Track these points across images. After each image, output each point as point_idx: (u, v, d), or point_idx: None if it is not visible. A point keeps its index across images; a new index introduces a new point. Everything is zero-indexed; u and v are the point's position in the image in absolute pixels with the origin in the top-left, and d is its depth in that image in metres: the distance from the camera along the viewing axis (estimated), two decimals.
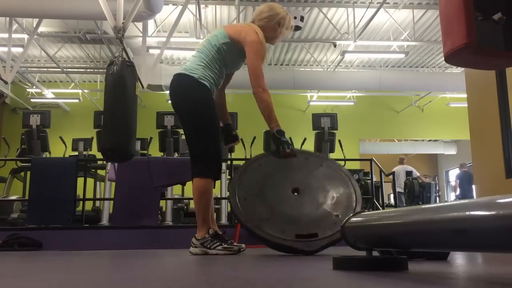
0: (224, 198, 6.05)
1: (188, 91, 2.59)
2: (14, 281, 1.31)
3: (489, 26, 1.60)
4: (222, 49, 2.61)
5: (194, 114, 2.58)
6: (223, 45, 2.61)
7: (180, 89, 2.62)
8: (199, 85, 2.54)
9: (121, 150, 4.09)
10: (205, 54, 2.61)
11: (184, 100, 2.61)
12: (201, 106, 2.57)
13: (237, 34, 2.61)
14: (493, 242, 0.88)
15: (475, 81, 4.58)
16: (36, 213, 4.88)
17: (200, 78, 2.54)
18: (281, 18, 2.71)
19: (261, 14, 2.71)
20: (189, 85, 2.57)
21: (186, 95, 2.60)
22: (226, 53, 2.62)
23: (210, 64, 2.60)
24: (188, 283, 1.20)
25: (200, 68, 2.57)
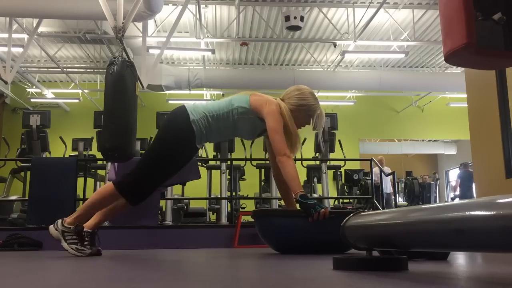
0: (224, 198, 6.06)
1: (174, 122, 2.57)
2: (14, 281, 1.31)
3: (489, 26, 1.60)
4: (237, 110, 2.53)
5: (162, 142, 2.54)
6: (240, 107, 2.53)
7: (171, 116, 2.63)
8: (187, 126, 2.50)
9: (121, 150, 4.09)
10: (218, 108, 2.55)
11: (167, 126, 2.60)
12: (172, 142, 2.53)
13: (259, 104, 2.54)
14: (493, 242, 0.88)
15: (475, 81, 4.58)
16: (36, 213, 4.88)
17: (193, 121, 2.50)
18: (311, 110, 2.64)
19: (290, 98, 2.63)
20: (179, 120, 2.54)
21: (171, 124, 2.59)
22: (239, 115, 2.54)
23: (214, 119, 2.53)
24: (188, 283, 1.20)
25: (202, 115, 2.52)
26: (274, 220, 2.76)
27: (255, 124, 2.58)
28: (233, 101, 2.58)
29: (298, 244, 2.61)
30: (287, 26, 8.64)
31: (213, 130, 2.56)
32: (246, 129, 2.63)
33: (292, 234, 2.61)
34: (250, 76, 11.01)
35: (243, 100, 2.56)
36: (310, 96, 2.66)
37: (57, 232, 2.49)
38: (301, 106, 2.62)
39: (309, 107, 2.64)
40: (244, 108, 2.54)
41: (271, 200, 6.35)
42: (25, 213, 5.56)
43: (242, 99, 2.57)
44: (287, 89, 2.72)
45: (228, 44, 11.13)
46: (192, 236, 4.64)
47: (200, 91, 12.68)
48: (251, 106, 2.54)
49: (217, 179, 6.57)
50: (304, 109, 2.63)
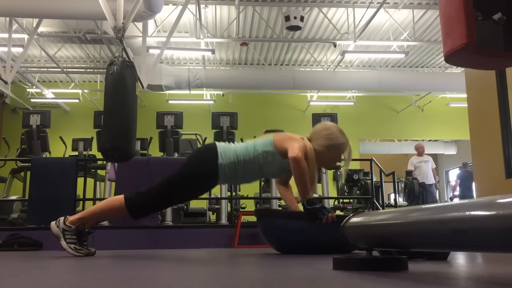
0: (224, 198, 6.05)
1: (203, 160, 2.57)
2: (14, 281, 1.31)
3: (489, 26, 1.60)
4: (263, 156, 2.53)
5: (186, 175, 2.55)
6: (265, 152, 2.53)
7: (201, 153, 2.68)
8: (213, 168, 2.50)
9: (121, 150, 4.10)
10: (245, 153, 2.54)
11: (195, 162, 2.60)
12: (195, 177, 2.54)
13: (283, 142, 2.52)
14: (493, 242, 0.88)
15: (475, 81, 4.58)
16: (36, 213, 4.88)
17: (221, 165, 2.50)
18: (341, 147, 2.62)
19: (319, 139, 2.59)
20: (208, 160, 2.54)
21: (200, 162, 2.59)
22: (265, 159, 2.53)
23: (241, 164, 2.53)
24: (188, 283, 1.20)
25: (230, 160, 2.52)
26: (278, 220, 2.75)
27: (282, 166, 2.55)
28: (257, 146, 2.56)
29: (301, 245, 2.61)
30: (287, 26, 8.64)
31: (238, 174, 2.56)
32: (273, 172, 2.64)
33: (296, 235, 2.61)
34: (250, 76, 11.01)
35: (267, 144, 2.55)
36: (339, 135, 2.63)
37: (57, 230, 2.50)
38: (332, 146, 2.59)
39: (339, 146, 2.61)
40: (269, 151, 2.53)
41: (271, 200, 6.35)
42: (25, 213, 5.56)
43: (266, 142, 2.56)
44: (314, 128, 2.69)
45: (228, 44, 11.13)
46: (192, 236, 4.64)
47: (200, 91, 12.68)
48: (275, 148, 2.53)
49: None
50: (335, 148, 2.60)
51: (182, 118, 6.58)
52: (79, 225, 2.49)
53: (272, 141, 2.55)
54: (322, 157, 2.58)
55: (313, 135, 2.64)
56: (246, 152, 2.55)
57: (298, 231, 2.60)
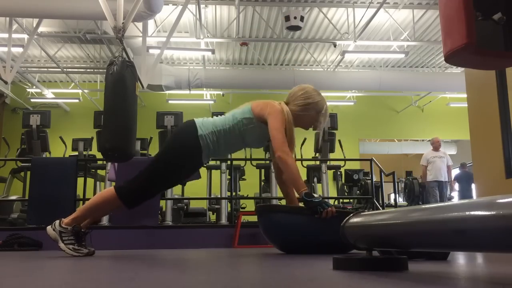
0: (224, 198, 6.06)
1: (183, 135, 2.60)
2: (14, 281, 1.31)
3: (489, 26, 1.60)
4: (242, 123, 2.55)
5: (169, 153, 2.57)
6: (244, 119, 2.55)
7: (180, 129, 2.70)
8: (194, 140, 2.51)
9: (121, 150, 4.10)
10: (223, 122, 2.57)
11: (175, 139, 2.63)
12: (179, 154, 2.55)
13: (260, 109, 2.56)
14: (493, 242, 0.88)
15: (475, 81, 4.58)
16: (36, 213, 4.88)
17: (201, 136, 2.51)
18: (318, 106, 2.65)
19: (296, 99, 2.64)
20: (188, 134, 2.56)
21: (179, 137, 2.61)
22: (245, 127, 2.55)
23: (221, 134, 2.55)
24: (188, 283, 1.20)
25: (210, 130, 2.54)
26: (280, 216, 2.73)
27: (262, 131, 2.57)
28: (235, 114, 2.59)
29: (303, 243, 2.60)
30: (287, 26, 8.64)
31: (221, 145, 2.57)
32: (254, 138, 2.63)
33: (297, 232, 2.60)
34: (250, 76, 11.01)
35: (245, 111, 2.58)
36: (315, 93, 2.67)
37: (54, 233, 2.50)
38: (309, 105, 2.63)
39: (316, 103, 2.65)
40: (248, 118, 2.55)
41: (271, 200, 6.35)
42: (25, 213, 5.56)
43: (244, 110, 2.59)
44: (290, 91, 2.72)
45: (228, 44, 11.13)
46: (192, 236, 4.64)
47: (200, 91, 12.68)
48: (254, 114, 2.55)
49: (217, 179, 6.58)
50: (312, 106, 2.64)
51: (182, 118, 6.58)
52: (75, 226, 2.50)
53: (250, 108, 2.58)
54: (301, 117, 2.62)
55: (289, 97, 2.68)
56: (224, 121, 2.57)
57: (300, 227, 2.59)
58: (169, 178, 2.62)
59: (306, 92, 2.66)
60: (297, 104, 2.63)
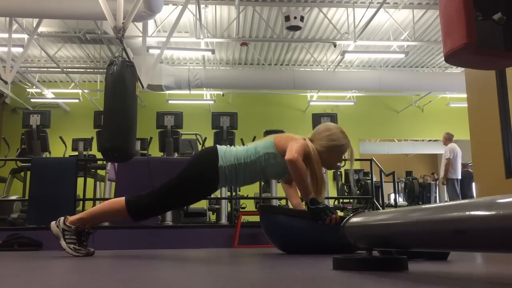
0: (224, 198, 6.05)
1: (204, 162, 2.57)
2: (14, 281, 1.31)
3: (489, 26, 1.60)
4: (264, 157, 2.52)
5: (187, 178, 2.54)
6: (266, 154, 2.52)
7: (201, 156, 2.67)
8: (213, 170, 2.50)
9: (121, 150, 4.10)
10: (245, 155, 2.53)
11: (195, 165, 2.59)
12: (196, 179, 2.53)
13: (284, 143, 2.51)
14: (493, 242, 0.88)
15: (475, 81, 4.58)
16: (36, 213, 4.88)
17: (221, 167, 2.49)
18: (342, 148, 2.63)
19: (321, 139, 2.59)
20: (208, 162, 2.53)
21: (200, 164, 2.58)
22: (267, 162, 2.52)
23: (242, 167, 2.52)
24: (188, 283, 1.20)
25: (231, 163, 2.51)
26: (283, 217, 2.74)
27: (284, 166, 2.52)
28: (258, 148, 2.55)
29: (304, 244, 2.61)
30: (287, 26, 8.64)
31: (239, 178, 2.55)
32: (275, 173, 2.62)
33: (300, 233, 2.61)
34: (250, 76, 11.01)
35: (268, 145, 2.55)
36: (341, 136, 2.63)
37: (57, 230, 2.50)
38: (333, 147, 2.59)
39: (341, 147, 2.62)
40: (270, 153, 2.52)
41: (271, 200, 6.35)
42: (25, 213, 5.56)
43: (267, 144, 2.56)
44: (315, 129, 2.68)
45: (228, 44, 11.13)
46: (192, 236, 4.64)
47: (200, 91, 12.68)
48: (277, 149, 2.52)
49: None
50: (336, 149, 2.61)
51: (182, 118, 6.58)
52: (79, 226, 2.49)
53: (272, 142, 2.55)
54: (323, 157, 2.57)
55: (314, 135, 2.64)
56: (247, 154, 2.54)
57: (302, 229, 2.60)
58: (180, 200, 2.62)
59: (332, 134, 2.61)
60: (321, 145, 2.57)
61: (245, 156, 2.54)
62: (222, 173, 2.50)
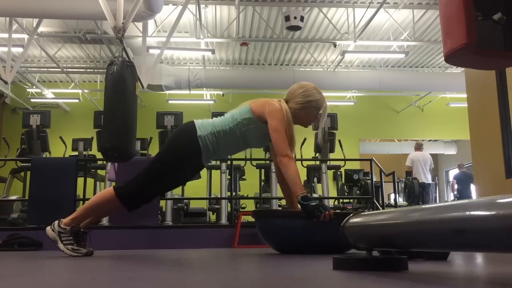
0: (224, 198, 6.05)
1: (182, 136, 2.58)
2: (14, 281, 1.31)
3: (489, 26, 1.60)
4: (242, 123, 2.52)
5: (168, 154, 2.55)
6: (244, 120, 2.52)
7: (179, 130, 2.68)
8: (193, 141, 2.49)
9: (121, 150, 4.10)
10: (223, 124, 2.55)
11: (174, 139, 2.60)
12: (178, 155, 2.53)
13: (260, 108, 2.52)
14: (493, 242, 0.88)
15: (475, 81, 4.58)
16: (36, 213, 4.88)
17: (200, 137, 2.49)
18: (318, 104, 2.64)
19: (295, 97, 2.61)
20: (187, 134, 2.54)
21: (179, 137, 2.60)
22: (245, 127, 2.53)
23: (221, 135, 2.52)
24: (188, 283, 1.20)
25: (209, 131, 2.51)
26: (275, 220, 2.75)
27: (263, 131, 2.54)
28: (235, 115, 2.56)
29: (299, 245, 2.61)
30: (287, 26, 8.64)
31: (221, 147, 2.55)
32: (255, 138, 2.61)
33: (293, 234, 2.61)
34: (250, 76, 11.01)
35: (244, 111, 2.55)
36: (315, 91, 2.65)
37: (53, 233, 2.50)
38: (308, 103, 2.61)
39: (316, 101, 2.64)
40: (247, 118, 2.53)
41: (271, 200, 6.35)
42: (25, 213, 5.56)
43: (243, 110, 2.56)
44: (289, 89, 2.70)
45: (228, 44, 11.13)
46: (192, 236, 4.64)
47: (200, 91, 12.68)
48: (253, 113, 2.53)
49: (217, 179, 6.57)
50: (312, 104, 2.62)
51: (182, 118, 6.58)
52: (74, 226, 2.49)
53: (249, 107, 2.55)
54: (300, 115, 2.60)
55: (289, 95, 2.66)
56: (224, 122, 2.55)
57: (296, 230, 2.60)
58: (167, 180, 2.59)
59: (306, 90, 2.63)
60: (297, 102, 2.60)
61: (222, 123, 2.55)
62: (203, 144, 2.50)
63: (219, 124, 2.55)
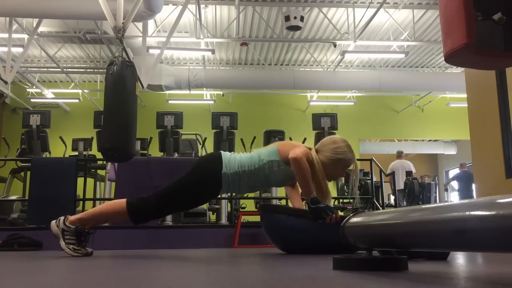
0: (224, 198, 6.05)
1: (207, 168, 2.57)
2: (14, 281, 1.31)
3: (489, 26, 1.60)
4: (268, 165, 2.52)
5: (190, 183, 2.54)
6: (270, 162, 2.52)
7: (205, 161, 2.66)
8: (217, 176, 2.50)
9: (121, 150, 4.10)
10: (249, 163, 2.54)
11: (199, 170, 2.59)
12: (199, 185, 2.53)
13: (287, 148, 2.52)
14: (493, 242, 0.88)
15: (475, 81, 4.58)
16: (36, 213, 4.88)
17: (224, 174, 2.50)
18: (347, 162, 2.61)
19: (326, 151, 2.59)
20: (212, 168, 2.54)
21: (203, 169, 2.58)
22: (270, 169, 2.53)
23: (246, 174, 2.52)
24: (188, 282, 1.20)
25: (235, 170, 2.51)
26: (283, 217, 2.75)
27: (288, 174, 2.55)
28: (262, 156, 2.56)
29: (306, 243, 2.62)
30: (287, 26, 8.64)
31: (242, 185, 2.56)
32: (278, 181, 2.63)
33: (300, 232, 2.62)
34: (250, 76, 11.01)
35: (272, 153, 2.55)
36: (347, 150, 2.61)
37: (57, 230, 2.50)
38: (338, 161, 2.59)
39: (346, 161, 2.61)
40: (274, 161, 2.53)
41: (271, 200, 6.35)
42: (25, 213, 5.56)
43: (271, 152, 2.56)
44: (321, 141, 2.69)
45: (228, 44, 11.13)
46: (192, 236, 4.64)
47: (200, 91, 12.68)
48: (280, 156, 2.52)
49: None
50: (342, 163, 2.60)
51: (182, 118, 6.58)
52: (79, 226, 2.49)
53: (276, 150, 2.56)
54: (327, 169, 2.58)
55: (320, 146, 2.65)
56: (250, 162, 2.54)
57: (302, 228, 2.61)
58: (181, 205, 2.63)
59: (338, 148, 2.60)
60: (327, 156, 2.58)
61: (249, 163, 2.54)
62: (226, 180, 2.51)
63: (246, 163, 2.54)
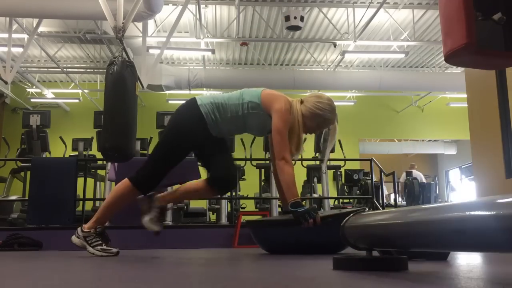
0: (224, 198, 6.05)
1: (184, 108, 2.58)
2: (14, 281, 1.31)
3: (489, 26, 1.60)
4: (248, 105, 2.49)
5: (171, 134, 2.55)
6: (250, 102, 2.49)
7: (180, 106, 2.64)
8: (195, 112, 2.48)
9: (121, 150, 4.09)
10: (227, 98, 2.52)
11: (177, 115, 2.59)
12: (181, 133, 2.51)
13: (269, 101, 2.48)
14: (493, 242, 0.88)
15: (475, 81, 4.58)
16: (36, 213, 4.88)
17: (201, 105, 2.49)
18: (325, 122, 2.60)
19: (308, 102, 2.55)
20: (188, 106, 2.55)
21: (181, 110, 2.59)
22: (249, 111, 2.49)
23: (222, 108, 2.49)
24: (188, 283, 1.20)
25: (209, 101, 2.51)
26: (266, 230, 2.91)
27: (265, 122, 2.51)
28: (244, 94, 2.53)
29: (290, 249, 2.70)
30: (287, 26, 8.64)
31: (222, 119, 2.51)
32: (256, 125, 2.57)
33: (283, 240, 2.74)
34: (250, 76, 11.01)
35: (254, 95, 2.52)
36: (327, 108, 2.56)
37: (79, 240, 2.49)
38: (315, 115, 2.55)
39: (323, 119, 2.57)
40: (255, 103, 2.50)
41: (271, 200, 6.35)
42: (25, 213, 5.56)
43: (253, 93, 2.53)
44: (310, 93, 2.67)
45: (228, 44, 11.13)
46: (192, 236, 4.64)
47: (200, 91, 12.67)
48: (261, 102, 2.49)
49: None
50: (318, 119, 2.57)
51: None
52: (97, 227, 2.50)
53: (259, 94, 2.52)
54: (304, 120, 2.55)
55: (306, 98, 2.61)
56: (228, 98, 2.53)
57: (285, 236, 2.71)
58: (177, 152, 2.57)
59: (320, 103, 2.56)
60: (307, 108, 2.55)
61: (226, 99, 2.53)
62: (205, 111, 2.48)
63: (221, 98, 2.53)
